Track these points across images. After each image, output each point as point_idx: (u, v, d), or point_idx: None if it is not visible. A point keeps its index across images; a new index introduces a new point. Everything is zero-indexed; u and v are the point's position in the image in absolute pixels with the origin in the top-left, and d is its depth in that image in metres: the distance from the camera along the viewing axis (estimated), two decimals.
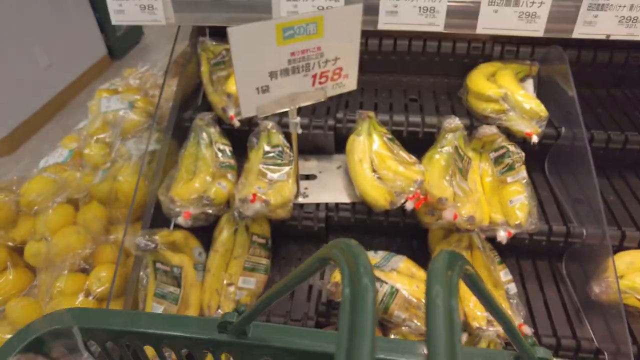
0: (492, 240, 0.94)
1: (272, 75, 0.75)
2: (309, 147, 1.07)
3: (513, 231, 0.81)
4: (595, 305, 0.85)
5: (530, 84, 1.03)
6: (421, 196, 0.84)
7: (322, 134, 1.02)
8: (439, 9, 0.77)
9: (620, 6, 0.74)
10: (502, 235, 0.81)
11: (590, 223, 0.89)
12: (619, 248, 0.92)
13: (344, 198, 0.98)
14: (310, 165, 1.06)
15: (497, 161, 0.93)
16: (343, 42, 0.77)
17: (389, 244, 1.01)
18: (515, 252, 0.98)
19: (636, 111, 1.06)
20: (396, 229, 0.99)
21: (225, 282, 0.86)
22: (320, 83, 0.81)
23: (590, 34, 0.77)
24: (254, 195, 0.78)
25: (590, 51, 1.07)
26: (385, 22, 0.79)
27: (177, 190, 0.86)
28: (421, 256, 0.93)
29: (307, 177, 1.03)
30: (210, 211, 0.86)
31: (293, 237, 1.02)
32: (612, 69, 1.09)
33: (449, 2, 0.77)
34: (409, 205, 0.85)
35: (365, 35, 1.11)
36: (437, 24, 0.78)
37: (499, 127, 0.96)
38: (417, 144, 0.98)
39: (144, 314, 0.53)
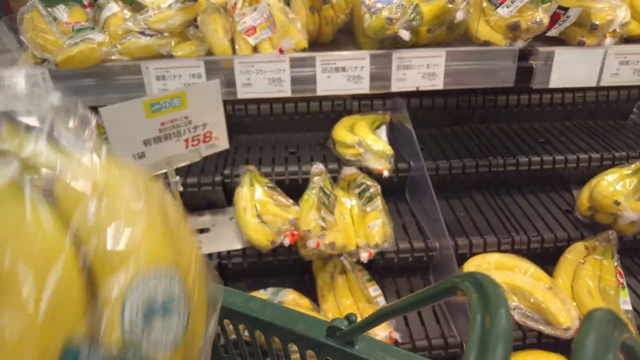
0: (369, 263, 1.09)
1: (146, 143, 0.87)
2: (202, 203, 1.18)
3: (373, 251, 0.96)
4: (454, 305, 1.00)
5: (383, 130, 1.23)
6: (295, 232, 0.98)
7: (211, 190, 1.14)
8: (285, 79, 0.95)
9: (420, 65, 0.97)
10: (364, 256, 0.95)
11: (442, 238, 1.07)
12: (471, 254, 1.10)
13: (235, 245, 1.08)
14: (204, 220, 1.16)
15: (360, 195, 1.10)
16: (208, 111, 0.92)
17: (283, 281, 1.11)
18: (390, 272, 1.12)
19: (472, 142, 1.30)
20: (287, 266, 1.10)
21: None
22: (193, 145, 0.94)
23: (404, 87, 0.99)
24: None
25: (429, 98, 1.32)
26: (242, 93, 0.95)
27: None
28: (312, 289, 1.05)
29: (202, 231, 1.13)
30: None
31: None
32: (449, 111, 1.34)
33: (291, 73, 0.95)
34: (286, 242, 0.98)
35: (244, 101, 1.29)
36: (285, 91, 0.95)
37: (360, 168, 1.14)
38: (300, 190, 1.12)
39: (259, 299, 0.53)
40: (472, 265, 1.05)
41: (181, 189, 0.97)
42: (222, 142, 0.97)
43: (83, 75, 0.94)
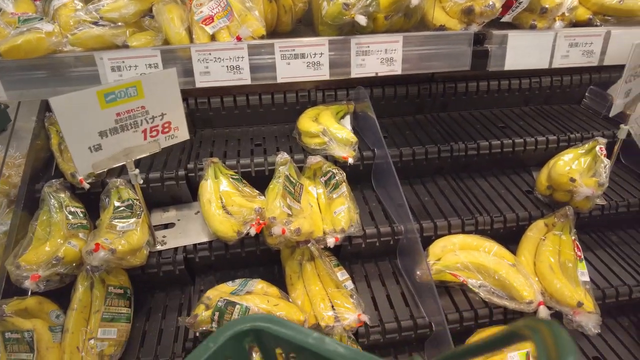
0: (337, 250, 1.09)
1: (102, 134, 0.85)
2: (166, 199, 1.16)
3: (339, 236, 0.96)
4: (422, 287, 1.01)
5: (347, 119, 1.24)
6: (261, 221, 0.97)
7: (175, 184, 1.12)
8: (243, 67, 0.94)
9: (378, 51, 0.98)
10: (330, 241, 0.95)
11: (407, 222, 1.08)
12: (436, 236, 1.11)
13: (201, 239, 1.06)
14: (169, 215, 1.14)
15: (326, 184, 1.10)
16: (166, 100, 0.90)
17: (252, 273, 1.10)
18: (359, 257, 1.13)
19: (434, 129, 1.32)
20: (255, 258, 1.09)
21: (85, 337, 0.88)
22: (152, 136, 0.92)
23: (363, 73, 1.00)
24: (97, 244, 0.84)
25: (391, 87, 1.33)
26: (200, 81, 0.94)
27: (25, 256, 0.89)
28: (281, 280, 1.04)
29: (166, 227, 1.11)
30: (62, 270, 0.89)
31: (158, 285, 1.07)
32: (410, 100, 1.36)
33: (250, 61, 0.95)
34: (252, 232, 0.97)
35: (207, 94, 1.27)
36: (244, 79, 0.95)
37: (325, 157, 1.14)
38: (266, 181, 1.11)
39: (329, 339, 0.50)
40: (438, 247, 1.07)
41: (141, 181, 0.94)
42: (182, 133, 0.96)
43: (32, 67, 0.91)
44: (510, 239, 1.13)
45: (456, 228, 1.11)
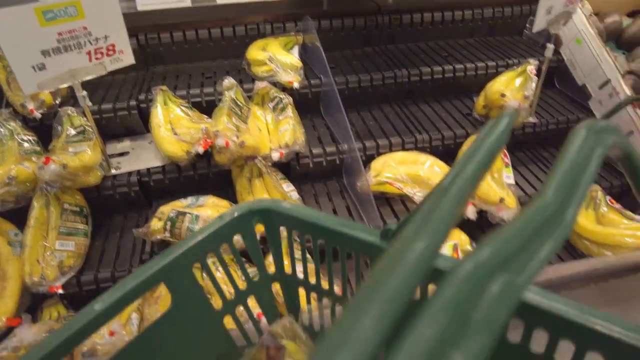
0: (288, 171, 1.16)
1: (45, 53, 0.88)
2: (121, 131, 1.20)
3: (284, 151, 1.03)
4: (363, 198, 1.09)
5: (296, 50, 1.29)
6: (207, 140, 1.02)
7: (127, 115, 1.15)
8: None
9: None
10: (275, 155, 1.01)
11: (350, 141, 1.15)
12: (379, 154, 1.19)
13: (154, 163, 1.11)
14: (124, 145, 1.18)
15: (274, 109, 1.16)
16: (108, 22, 0.93)
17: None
18: (308, 178, 1.20)
19: (381, 60, 1.38)
20: (208, 180, 1.14)
21: (43, 251, 0.94)
22: (97, 59, 0.95)
23: None
24: (47, 157, 0.88)
25: (339, 19, 1.38)
26: (142, 4, 0.97)
27: None
28: (235, 201, 1.10)
29: (121, 155, 1.15)
30: (15, 189, 0.93)
31: (116, 208, 1.12)
32: (357, 31, 1.41)
33: None
34: (200, 150, 1.02)
35: (157, 30, 1.29)
36: (184, 1, 0.98)
37: (275, 84, 1.19)
38: None
39: (322, 213, 0.53)
40: (379, 162, 1.14)
41: (90, 104, 0.98)
42: (127, 57, 0.99)
43: None
44: (451, 156, 1.21)
45: (397, 146, 1.18)
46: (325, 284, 0.58)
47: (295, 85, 1.14)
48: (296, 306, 0.64)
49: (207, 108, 1.18)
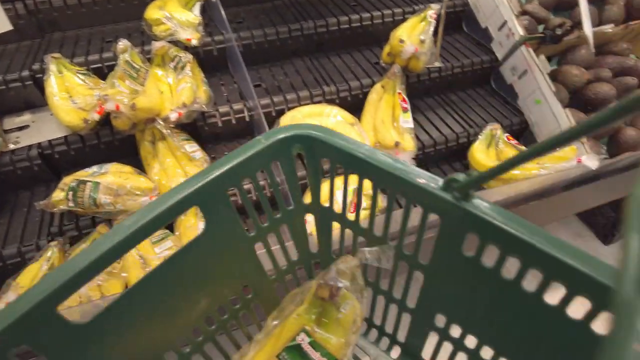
0: (196, 132, 1.16)
1: None
2: (19, 104, 1.15)
3: (182, 111, 1.02)
4: None
5: (197, 7, 1.25)
6: (102, 105, 1.00)
7: (21, 86, 1.11)
8: None
9: None
10: (173, 116, 1.01)
11: (258, 97, 1.16)
12: (288, 109, 1.20)
13: (55, 135, 1.09)
14: (23, 119, 1.14)
15: (175, 69, 1.14)
16: None
17: None
18: (219, 138, 1.20)
19: (289, 13, 1.36)
20: (115, 149, 1.13)
21: None
22: None
23: None
24: None
25: None
26: None
27: None
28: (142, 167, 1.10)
29: (21, 129, 1.11)
30: None
31: (22, 185, 1.09)
32: None
33: None
34: (95, 117, 1.00)
35: None
36: None
37: (175, 43, 1.16)
38: None
39: (378, 151, 0.49)
40: (287, 117, 1.16)
41: None
42: (2, 23, 0.94)
43: None
44: (360, 106, 1.24)
45: (305, 100, 1.20)
46: (364, 223, 0.57)
47: (194, 42, 1.12)
48: (328, 241, 0.64)
49: (108, 72, 1.15)
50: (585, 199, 1.30)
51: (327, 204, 0.59)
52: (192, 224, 0.96)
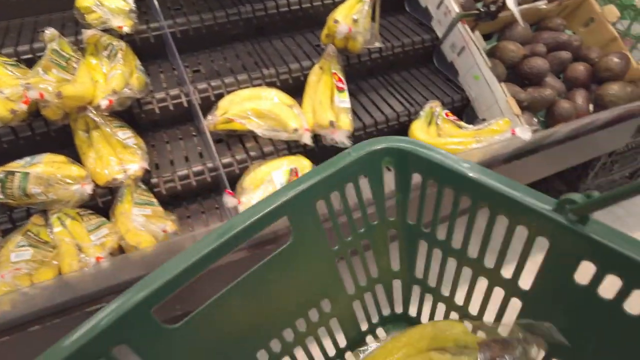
0: (133, 119, 1.14)
1: None
2: None
3: (112, 98, 1.01)
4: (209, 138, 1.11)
5: None
6: (27, 96, 0.98)
7: None
8: None
9: None
10: (103, 103, 1.00)
11: (200, 83, 1.15)
12: (227, 93, 1.19)
13: None
14: None
15: (109, 57, 1.12)
16: None
17: None
18: (157, 125, 1.19)
19: (219, 2, 1.35)
20: (51, 140, 1.11)
21: None
22: None
23: None
24: None
25: None
26: None
27: None
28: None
29: None
30: None
31: None
32: None
33: None
34: (23, 107, 0.98)
35: None
36: None
37: (108, 31, 1.15)
38: None
39: (476, 166, 0.47)
40: (226, 100, 1.16)
41: None
42: None
43: None
44: (301, 89, 1.24)
45: (245, 83, 1.20)
46: (457, 243, 0.53)
47: (126, 29, 1.11)
48: (412, 259, 0.61)
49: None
50: (527, 171, 1.34)
51: (413, 222, 0.57)
52: (126, 210, 0.96)
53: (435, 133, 1.24)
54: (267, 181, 0.99)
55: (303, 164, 1.07)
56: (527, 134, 1.14)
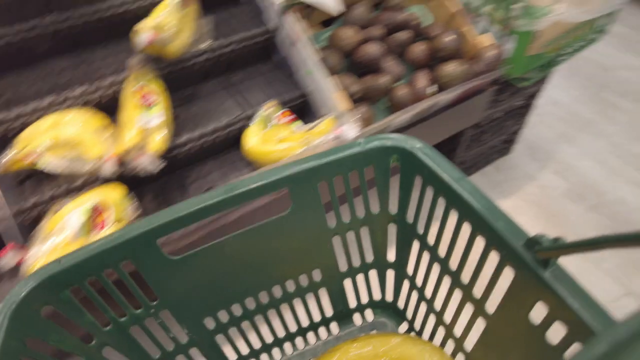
0: None
1: None
2: None
3: None
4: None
5: None
6: None
7: None
8: None
9: None
10: None
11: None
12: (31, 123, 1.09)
13: None
14: None
15: None
16: None
17: None
18: None
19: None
20: None
21: None
22: None
23: None
24: None
25: None
26: None
27: None
28: None
29: None
30: None
31: None
32: None
33: None
34: None
35: None
36: None
37: None
38: None
39: (472, 186, 0.50)
40: (28, 132, 1.05)
41: None
42: None
43: None
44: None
45: (55, 106, 1.10)
46: (442, 252, 0.58)
47: None
48: (405, 255, 0.66)
49: None
50: None
51: (410, 221, 0.61)
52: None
53: (271, 137, 1.19)
54: (58, 227, 0.91)
55: (112, 197, 0.99)
56: (352, 132, 1.11)
